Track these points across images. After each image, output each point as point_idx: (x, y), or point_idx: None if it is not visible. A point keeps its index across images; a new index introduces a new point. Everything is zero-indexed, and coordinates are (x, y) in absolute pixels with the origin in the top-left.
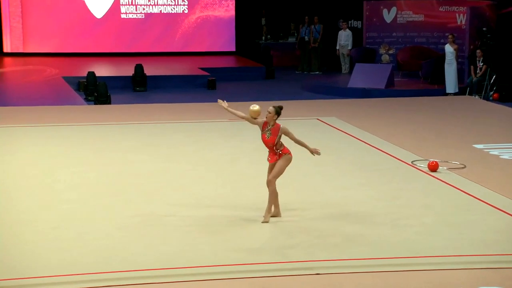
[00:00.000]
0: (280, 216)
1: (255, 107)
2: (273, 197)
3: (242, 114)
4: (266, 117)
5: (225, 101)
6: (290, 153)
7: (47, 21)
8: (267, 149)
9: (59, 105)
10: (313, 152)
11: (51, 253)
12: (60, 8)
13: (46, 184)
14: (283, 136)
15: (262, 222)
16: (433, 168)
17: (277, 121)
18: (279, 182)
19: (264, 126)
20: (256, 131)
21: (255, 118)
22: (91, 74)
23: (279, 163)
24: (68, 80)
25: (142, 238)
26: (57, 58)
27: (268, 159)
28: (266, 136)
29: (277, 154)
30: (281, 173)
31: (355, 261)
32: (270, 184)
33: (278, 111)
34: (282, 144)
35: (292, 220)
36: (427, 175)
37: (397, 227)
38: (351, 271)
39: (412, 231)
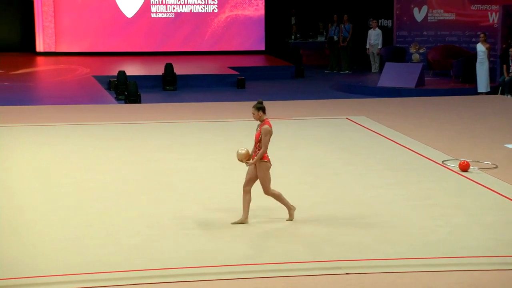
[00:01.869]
0: (247, 223)
1: (243, 150)
2: (280, 199)
3: None
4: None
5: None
6: (268, 160)
7: (78, 21)
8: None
9: (90, 104)
10: (247, 163)
11: (83, 251)
12: (91, 8)
13: (78, 183)
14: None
15: (287, 220)
16: (464, 168)
17: (272, 120)
18: (308, 181)
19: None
20: (285, 130)
21: (241, 161)
22: (122, 73)
23: (259, 175)
24: (99, 79)
25: (173, 237)
26: (89, 57)
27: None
28: (256, 132)
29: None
30: (268, 181)
31: (385, 261)
32: (270, 195)
33: (258, 107)
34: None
35: (322, 219)
36: (458, 175)
37: (427, 227)
38: (381, 271)
39: (443, 231)
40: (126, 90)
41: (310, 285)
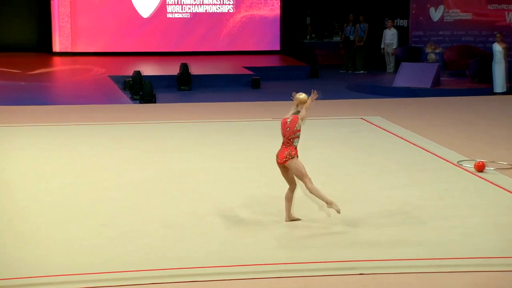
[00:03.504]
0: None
1: (301, 95)
2: (319, 194)
3: None
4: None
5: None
6: (293, 156)
7: (95, 21)
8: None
9: (106, 104)
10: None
11: (97, 250)
12: (107, 8)
13: (93, 182)
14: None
15: (338, 212)
16: (480, 168)
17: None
18: (322, 181)
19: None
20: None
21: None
22: (137, 73)
23: (293, 172)
24: (115, 79)
25: (187, 237)
26: (104, 57)
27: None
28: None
29: (288, 153)
30: (304, 174)
31: (400, 261)
32: (310, 190)
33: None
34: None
35: (336, 219)
36: (473, 175)
37: (442, 227)
38: (396, 271)
39: (458, 232)
40: (141, 90)
41: (323, 286)
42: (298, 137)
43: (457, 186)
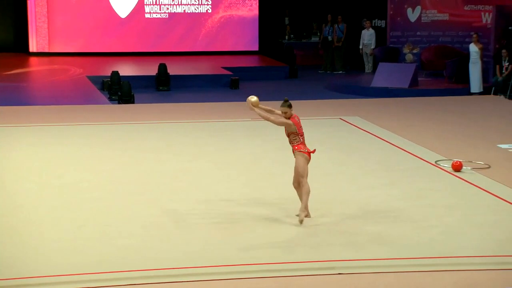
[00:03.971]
0: (309, 217)
1: (253, 98)
2: (305, 197)
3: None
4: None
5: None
6: (303, 151)
7: (72, 21)
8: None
9: (84, 104)
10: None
11: (75, 251)
12: (85, 8)
13: (71, 183)
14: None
15: (300, 222)
16: (457, 168)
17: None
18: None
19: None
20: (278, 130)
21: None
22: (115, 74)
23: (295, 163)
24: (92, 79)
25: (166, 237)
26: (82, 57)
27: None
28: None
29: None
30: (302, 171)
31: (379, 261)
32: (301, 186)
33: (289, 105)
34: (297, 140)
35: (315, 220)
36: (451, 175)
37: (421, 227)
38: (375, 271)
39: (436, 231)
40: (120, 91)
41: (303, 285)
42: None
43: (435, 185)
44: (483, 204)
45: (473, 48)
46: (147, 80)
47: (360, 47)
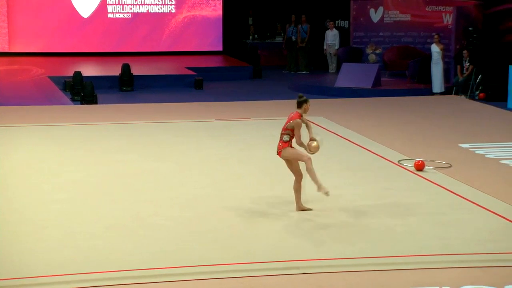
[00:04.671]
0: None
1: (313, 143)
2: (314, 176)
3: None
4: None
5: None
6: (288, 147)
7: (33, 21)
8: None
9: (45, 105)
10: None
11: (39, 253)
12: (46, 8)
13: (34, 185)
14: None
15: (327, 195)
16: (419, 167)
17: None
18: (267, 181)
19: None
20: (243, 130)
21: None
22: (78, 74)
23: (291, 157)
24: (55, 79)
25: (130, 238)
26: (44, 57)
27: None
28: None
29: (278, 146)
30: (301, 155)
31: (343, 260)
32: (307, 170)
33: (307, 100)
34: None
35: (280, 220)
36: (413, 174)
37: (384, 226)
38: (339, 270)
39: (399, 230)
40: (82, 91)
41: (268, 286)
42: (288, 134)
43: (398, 185)
44: (445, 203)
45: (435, 49)
46: (110, 80)
47: (324, 47)
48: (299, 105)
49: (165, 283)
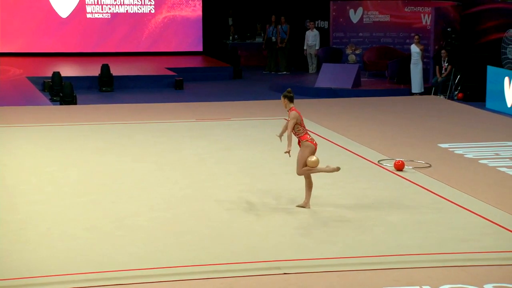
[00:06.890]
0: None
1: (312, 158)
2: (321, 169)
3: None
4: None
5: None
6: (309, 140)
7: (11, 21)
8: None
9: (24, 106)
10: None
11: (16, 254)
12: (24, 7)
13: (12, 185)
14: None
15: (297, 206)
16: (399, 167)
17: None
18: (247, 181)
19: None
20: (223, 131)
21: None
22: (57, 74)
23: (298, 154)
24: (33, 80)
25: (109, 239)
26: (22, 58)
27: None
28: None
29: (298, 140)
30: (303, 162)
31: (323, 260)
32: (303, 175)
33: (285, 95)
34: (301, 131)
35: (260, 220)
36: (393, 174)
37: (363, 226)
38: (319, 271)
39: (379, 230)
40: (61, 91)
41: (249, 286)
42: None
43: (378, 185)
44: (424, 203)
45: (415, 49)
46: (89, 80)
47: (305, 48)
48: (292, 99)
49: (144, 284)
